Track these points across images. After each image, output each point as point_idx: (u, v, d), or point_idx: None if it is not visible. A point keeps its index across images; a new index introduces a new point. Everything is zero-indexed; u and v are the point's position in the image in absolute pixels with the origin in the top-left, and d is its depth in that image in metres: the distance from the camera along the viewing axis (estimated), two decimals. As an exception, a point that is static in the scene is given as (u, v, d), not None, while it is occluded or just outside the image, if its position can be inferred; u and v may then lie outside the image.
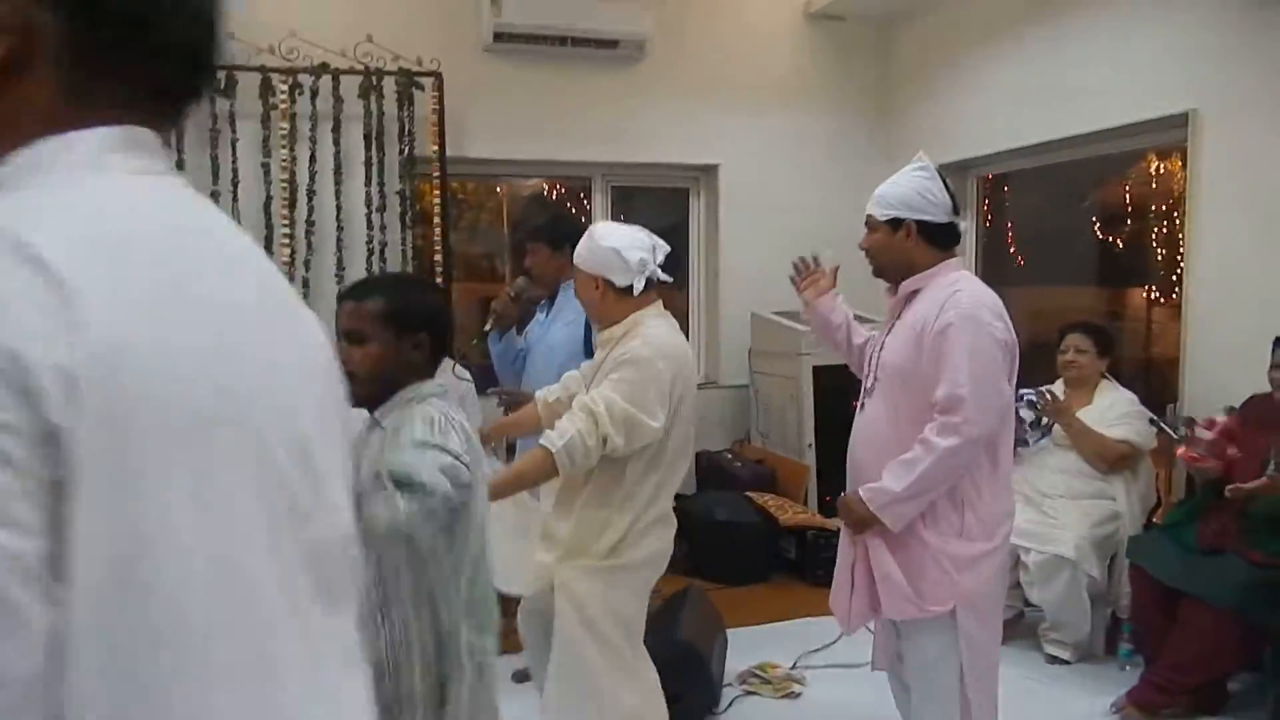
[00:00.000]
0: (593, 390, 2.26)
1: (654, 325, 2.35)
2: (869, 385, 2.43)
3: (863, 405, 2.44)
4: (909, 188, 2.32)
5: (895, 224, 2.32)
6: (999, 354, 2.21)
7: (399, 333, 1.68)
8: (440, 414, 1.65)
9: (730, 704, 3.33)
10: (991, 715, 2.35)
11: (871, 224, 2.38)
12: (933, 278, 2.32)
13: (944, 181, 2.35)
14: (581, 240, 2.41)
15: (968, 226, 2.53)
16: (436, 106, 4.74)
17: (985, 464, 2.25)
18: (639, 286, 2.33)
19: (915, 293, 2.35)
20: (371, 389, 1.68)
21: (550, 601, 2.36)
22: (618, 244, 2.32)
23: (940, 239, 2.33)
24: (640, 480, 2.29)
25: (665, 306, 2.47)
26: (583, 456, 2.18)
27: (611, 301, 2.36)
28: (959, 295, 2.24)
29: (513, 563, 2.35)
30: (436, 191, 4.81)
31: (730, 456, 5.35)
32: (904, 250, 2.33)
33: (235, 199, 4.58)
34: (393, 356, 1.66)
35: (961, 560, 2.24)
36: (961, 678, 2.28)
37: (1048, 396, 3.73)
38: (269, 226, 4.64)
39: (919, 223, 2.30)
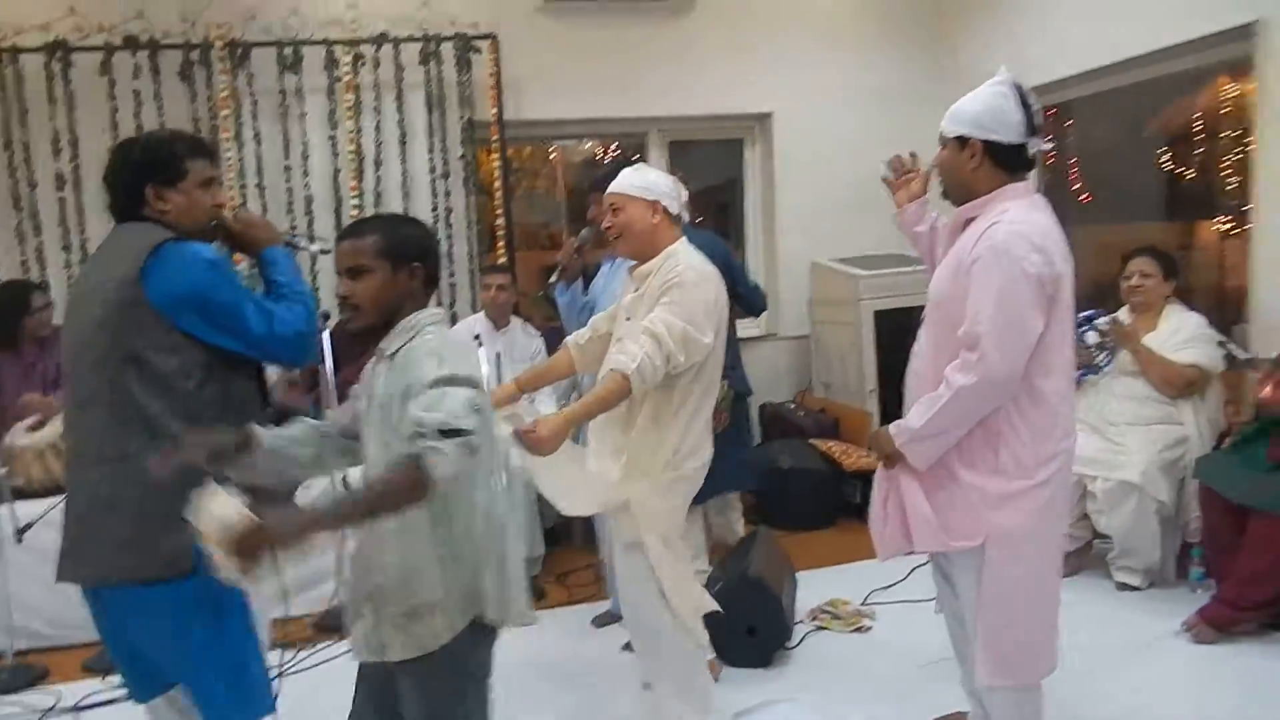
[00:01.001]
0: (648, 316, 2.43)
1: (687, 253, 2.55)
2: (922, 316, 2.39)
3: (916, 336, 2.42)
4: (982, 105, 2.23)
5: (962, 142, 2.25)
6: (1029, 289, 2.09)
7: (395, 264, 1.85)
8: (439, 340, 1.83)
9: (803, 639, 3.42)
10: (1033, 654, 2.27)
11: (941, 139, 2.31)
12: (987, 205, 2.23)
13: (1023, 98, 2.21)
14: (628, 177, 2.60)
15: (1045, 148, 2.43)
16: (494, 70, 4.84)
17: (1024, 401, 2.16)
18: (685, 216, 2.59)
19: (970, 220, 2.27)
20: (374, 316, 1.86)
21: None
22: (665, 176, 2.60)
23: (1008, 161, 2.24)
24: (688, 391, 2.47)
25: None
26: (652, 375, 2.36)
27: (664, 228, 2.56)
28: (997, 227, 2.13)
29: (570, 488, 2.54)
30: (495, 157, 4.90)
31: (793, 407, 5.41)
32: (967, 171, 2.25)
33: (306, 172, 4.76)
34: (391, 285, 1.84)
35: (993, 497, 2.17)
36: (986, 615, 2.22)
37: (1114, 321, 3.70)
38: (338, 198, 4.81)
39: (985, 143, 2.20)
